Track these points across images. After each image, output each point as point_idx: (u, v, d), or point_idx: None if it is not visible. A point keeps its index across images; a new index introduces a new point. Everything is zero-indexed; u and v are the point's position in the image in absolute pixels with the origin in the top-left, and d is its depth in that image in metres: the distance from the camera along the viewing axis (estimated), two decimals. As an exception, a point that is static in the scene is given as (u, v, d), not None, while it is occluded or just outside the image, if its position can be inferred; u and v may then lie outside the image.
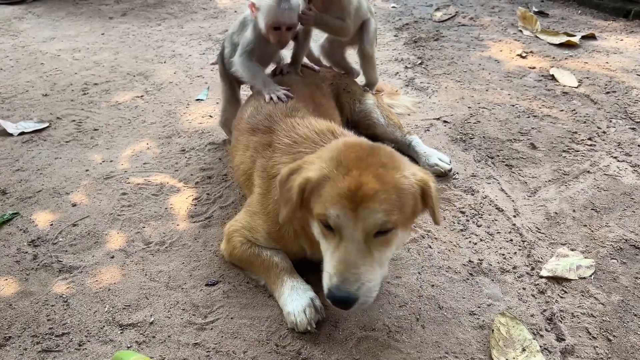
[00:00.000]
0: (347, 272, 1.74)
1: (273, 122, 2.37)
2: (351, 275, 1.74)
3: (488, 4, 5.80)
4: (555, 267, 2.31)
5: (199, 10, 5.86)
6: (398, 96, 3.78)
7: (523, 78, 4.10)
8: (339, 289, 1.74)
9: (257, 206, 2.25)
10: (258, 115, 2.47)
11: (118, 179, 2.98)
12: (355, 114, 3.16)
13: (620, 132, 3.34)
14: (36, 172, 3.06)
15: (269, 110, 2.47)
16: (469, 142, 3.27)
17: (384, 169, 1.80)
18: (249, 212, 2.30)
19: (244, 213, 2.34)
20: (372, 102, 3.19)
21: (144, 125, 3.54)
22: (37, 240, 2.54)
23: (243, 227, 2.28)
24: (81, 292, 2.25)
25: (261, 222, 2.22)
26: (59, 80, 4.20)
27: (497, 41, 4.81)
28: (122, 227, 2.62)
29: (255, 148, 2.36)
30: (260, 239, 2.23)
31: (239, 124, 2.64)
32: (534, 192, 2.82)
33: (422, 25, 5.28)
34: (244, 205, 2.39)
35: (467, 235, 2.53)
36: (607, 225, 2.58)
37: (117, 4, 6.11)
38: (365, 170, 1.77)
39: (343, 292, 1.73)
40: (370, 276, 1.76)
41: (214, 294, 2.23)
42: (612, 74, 4.11)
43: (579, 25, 5.13)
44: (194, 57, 4.61)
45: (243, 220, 2.30)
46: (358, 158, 1.81)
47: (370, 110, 3.15)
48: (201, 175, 3.01)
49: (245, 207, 2.37)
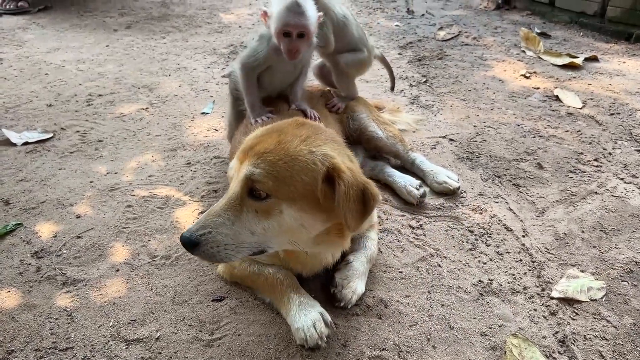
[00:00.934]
0: (204, 219, 1.76)
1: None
2: (205, 221, 1.76)
3: (491, 25, 5.85)
4: (566, 289, 2.29)
5: (204, 24, 5.88)
6: (400, 113, 3.77)
7: (527, 98, 4.11)
8: (189, 230, 1.75)
9: None
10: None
11: (123, 191, 2.96)
12: (350, 130, 3.09)
13: (626, 154, 3.35)
14: (40, 182, 3.03)
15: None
16: (476, 160, 3.26)
17: (294, 138, 1.81)
18: None
19: None
20: (364, 115, 3.09)
21: (149, 138, 3.52)
22: (40, 251, 2.50)
23: None
24: (85, 305, 2.21)
25: None
26: (64, 90, 4.18)
27: (500, 61, 4.84)
28: (127, 240, 2.59)
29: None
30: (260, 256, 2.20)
31: (233, 152, 2.63)
32: (542, 212, 2.81)
33: (425, 44, 5.31)
34: None
35: (476, 255, 2.51)
36: (617, 247, 2.56)
37: (121, 17, 6.13)
38: (274, 135, 1.80)
39: (187, 233, 1.74)
40: (224, 230, 1.76)
41: (221, 309, 2.19)
42: (616, 96, 4.13)
43: (582, 47, 5.17)
44: (198, 70, 4.61)
45: None
46: (283, 127, 1.86)
47: (365, 125, 3.07)
48: (207, 189, 2.99)
49: None
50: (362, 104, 3.16)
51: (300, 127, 1.91)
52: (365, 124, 3.07)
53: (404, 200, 2.88)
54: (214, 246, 1.76)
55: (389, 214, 2.78)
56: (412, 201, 2.83)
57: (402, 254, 2.51)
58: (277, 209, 1.79)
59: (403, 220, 2.74)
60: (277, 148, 1.77)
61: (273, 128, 1.89)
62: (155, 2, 6.69)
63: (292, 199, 1.78)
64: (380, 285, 2.32)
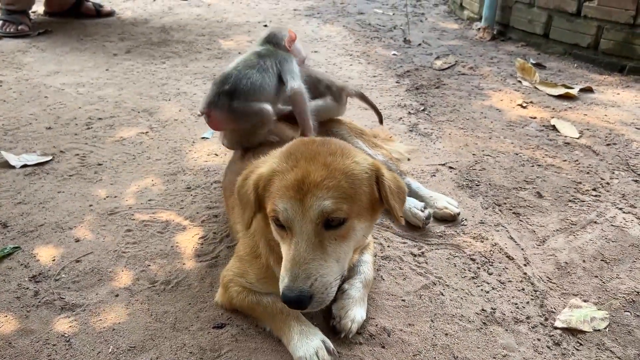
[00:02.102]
0: (298, 269, 1.68)
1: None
2: (302, 272, 1.68)
3: (487, 55, 5.94)
4: (569, 318, 2.28)
5: (203, 50, 5.93)
6: (392, 142, 3.79)
7: (525, 127, 4.15)
8: (290, 289, 1.67)
9: (242, 249, 2.23)
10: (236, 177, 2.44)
11: (122, 215, 2.94)
12: None
13: (623, 184, 3.37)
14: (38, 205, 3.00)
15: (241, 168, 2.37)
16: (476, 188, 3.27)
17: (332, 156, 1.78)
18: (237, 258, 2.27)
19: (233, 259, 2.31)
20: (345, 130, 3.07)
21: (149, 162, 3.51)
22: (38, 275, 2.47)
23: (235, 275, 2.23)
24: (84, 331, 2.17)
25: (248, 265, 2.18)
26: (63, 114, 4.18)
27: (497, 91, 4.90)
28: (127, 264, 2.56)
29: (234, 207, 2.36)
30: (254, 283, 2.18)
31: (225, 192, 2.67)
32: (542, 241, 2.81)
33: (422, 72, 5.38)
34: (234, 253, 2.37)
35: (478, 283, 2.50)
36: (618, 277, 2.56)
37: (121, 42, 6.17)
38: (313, 160, 1.75)
39: (295, 292, 1.66)
40: (324, 271, 1.70)
41: (222, 337, 2.17)
42: (612, 127, 4.18)
43: (576, 78, 5.25)
44: (198, 95, 4.63)
45: (234, 267, 2.25)
46: (307, 150, 1.81)
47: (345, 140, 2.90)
48: (207, 213, 2.97)
49: (234, 254, 2.34)
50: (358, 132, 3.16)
51: (324, 144, 1.89)
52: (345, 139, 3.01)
53: (404, 227, 2.87)
54: (323, 290, 1.71)
55: (390, 241, 2.77)
56: (418, 224, 2.82)
57: (404, 282, 2.49)
58: (352, 228, 1.79)
59: (404, 248, 2.73)
60: (330, 171, 1.73)
61: (298, 156, 1.80)
62: (155, 27, 6.74)
63: (360, 214, 1.79)
64: (383, 314, 2.30)
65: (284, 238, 1.80)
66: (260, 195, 1.85)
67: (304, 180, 1.71)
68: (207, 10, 7.71)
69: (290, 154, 1.82)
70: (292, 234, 1.74)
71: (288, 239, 1.76)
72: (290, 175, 1.73)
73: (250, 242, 2.20)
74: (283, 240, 1.81)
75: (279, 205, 1.72)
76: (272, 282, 2.12)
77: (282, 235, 1.80)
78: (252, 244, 2.14)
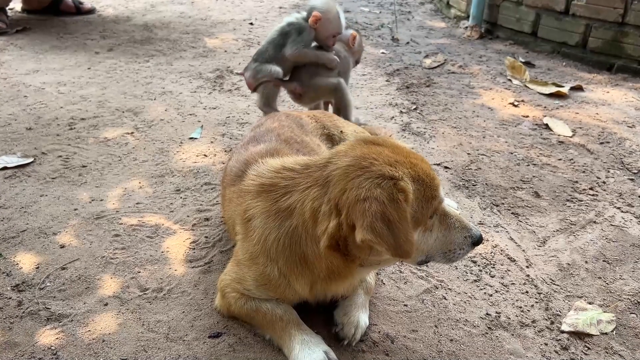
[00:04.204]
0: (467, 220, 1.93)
1: (247, 167, 2.20)
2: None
3: (475, 53, 5.90)
4: (575, 322, 2.23)
5: (188, 48, 5.79)
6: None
7: (518, 126, 4.11)
8: (478, 228, 1.95)
9: (241, 253, 2.10)
10: (237, 165, 2.31)
11: (109, 219, 2.81)
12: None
13: (619, 183, 3.34)
14: (20, 210, 2.86)
15: (246, 157, 2.29)
16: (472, 189, 3.21)
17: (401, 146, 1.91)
18: (235, 262, 2.15)
19: (231, 264, 2.19)
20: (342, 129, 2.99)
21: (136, 163, 3.38)
22: (22, 284, 2.34)
23: (233, 280, 2.12)
24: (72, 343, 2.06)
25: (246, 269, 2.07)
26: (44, 114, 4.03)
27: (488, 89, 4.86)
28: (116, 271, 2.44)
29: (234, 199, 2.22)
30: (252, 289, 2.07)
31: (224, 180, 2.52)
32: (543, 242, 2.76)
33: (412, 71, 5.32)
34: (232, 256, 2.25)
35: (481, 286, 2.43)
36: (622, 278, 2.52)
37: (103, 39, 6.00)
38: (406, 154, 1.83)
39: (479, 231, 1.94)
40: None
41: (219, 347, 2.07)
42: (604, 125, 4.16)
43: (565, 76, 5.24)
44: (184, 94, 4.51)
45: (232, 272, 2.15)
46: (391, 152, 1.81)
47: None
48: (198, 217, 2.87)
49: (232, 258, 2.23)
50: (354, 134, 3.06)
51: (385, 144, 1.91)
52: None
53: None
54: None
55: (388, 244, 2.69)
56: None
57: (405, 286, 2.42)
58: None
59: (404, 250, 2.65)
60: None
61: (398, 159, 1.80)
62: (137, 25, 6.59)
63: None
64: (386, 319, 2.22)
65: (429, 227, 1.84)
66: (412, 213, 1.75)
67: (429, 166, 1.87)
68: (191, 7, 7.56)
69: (394, 162, 1.76)
70: (438, 212, 1.85)
71: (436, 219, 1.86)
72: (425, 171, 1.80)
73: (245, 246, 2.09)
74: (429, 228, 1.85)
75: (441, 196, 1.84)
76: (271, 289, 2.03)
77: (428, 225, 1.84)
78: (252, 250, 2.02)
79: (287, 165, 1.99)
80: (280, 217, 1.90)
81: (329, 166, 1.83)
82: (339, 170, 1.77)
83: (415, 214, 1.73)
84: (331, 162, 1.84)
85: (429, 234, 1.83)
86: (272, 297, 2.08)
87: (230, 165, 2.41)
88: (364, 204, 1.64)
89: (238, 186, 2.20)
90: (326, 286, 1.95)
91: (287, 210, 1.88)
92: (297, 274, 1.93)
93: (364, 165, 1.74)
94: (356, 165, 1.75)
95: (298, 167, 1.96)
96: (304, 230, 1.83)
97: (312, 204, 1.80)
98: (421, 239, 1.81)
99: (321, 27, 3.47)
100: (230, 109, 4.25)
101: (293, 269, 1.92)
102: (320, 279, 1.91)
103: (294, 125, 2.73)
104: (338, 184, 1.75)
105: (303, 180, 1.88)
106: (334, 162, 1.83)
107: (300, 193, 1.85)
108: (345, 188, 1.71)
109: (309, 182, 1.85)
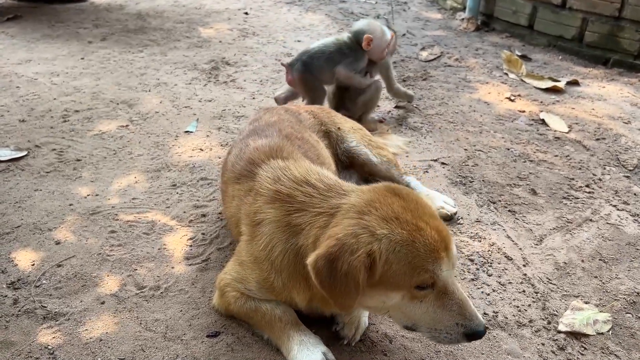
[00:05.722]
0: (472, 307, 1.76)
1: (255, 166, 2.19)
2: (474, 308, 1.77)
3: (471, 46, 5.88)
4: (572, 322, 2.24)
5: (182, 38, 5.73)
6: (389, 135, 3.72)
7: (514, 121, 4.11)
8: (482, 325, 1.75)
9: (244, 254, 2.09)
10: (240, 162, 2.28)
11: (105, 215, 2.79)
12: (341, 156, 2.96)
13: (615, 180, 3.36)
14: (14, 205, 2.83)
15: (249, 154, 2.27)
16: (469, 185, 3.21)
17: (426, 205, 1.82)
18: (238, 262, 2.13)
19: (233, 263, 2.18)
20: (355, 142, 2.96)
21: (131, 157, 3.35)
22: (17, 282, 2.33)
23: (234, 279, 2.11)
24: (69, 342, 2.04)
25: (250, 271, 2.06)
26: (37, 105, 3.98)
27: (484, 83, 4.85)
28: (113, 269, 2.43)
29: (239, 196, 2.20)
30: (253, 289, 2.07)
31: (224, 174, 2.49)
32: (540, 240, 2.77)
33: (409, 64, 5.30)
34: (233, 254, 2.23)
35: (479, 285, 2.44)
36: (618, 277, 2.53)
37: (95, 28, 5.93)
38: (423, 214, 1.74)
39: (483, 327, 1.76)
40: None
41: (217, 346, 2.06)
42: (600, 121, 4.17)
43: (562, 70, 5.23)
44: (179, 86, 4.47)
45: (233, 271, 2.13)
46: (406, 207, 1.74)
47: (357, 151, 2.95)
48: (195, 212, 2.85)
49: (234, 256, 2.21)
50: (352, 130, 3.05)
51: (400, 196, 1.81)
52: (357, 151, 2.95)
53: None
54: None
55: (386, 242, 2.69)
56: None
57: (403, 285, 2.42)
58: None
59: (401, 248, 2.65)
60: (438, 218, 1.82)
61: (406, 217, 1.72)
62: (130, 14, 6.51)
63: None
64: (384, 319, 2.22)
65: (417, 298, 1.72)
66: (376, 272, 1.67)
67: (441, 238, 1.70)
68: (185, -4, 7.48)
69: (393, 218, 1.70)
70: (438, 287, 1.71)
71: (428, 295, 1.72)
72: (426, 239, 1.67)
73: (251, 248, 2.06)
74: (416, 300, 1.73)
75: (436, 269, 1.68)
76: (273, 293, 2.03)
77: (416, 296, 1.72)
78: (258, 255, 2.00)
79: (310, 180, 1.97)
80: (289, 231, 1.90)
81: (344, 198, 1.85)
82: (346, 207, 1.79)
83: (390, 277, 1.67)
84: (347, 195, 1.86)
85: (418, 303, 1.72)
86: (273, 299, 2.07)
87: (231, 161, 2.38)
88: (330, 241, 1.68)
89: (245, 184, 2.18)
90: (323, 306, 1.97)
91: (297, 227, 1.88)
92: (298, 289, 1.94)
93: (363, 210, 1.74)
94: (358, 208, 1.76)
95: (320, 186, 1.94)
96: (307, 253, 1.82)
97: (316, 232, 1.81)
98: (404, 304, 1.74)
99: (374, 47, 3.72)
100: (226, 101, 4.21)
101: (295, 284, 1.93)
102: (317, 298, 1.92)
103: (293, 120, 2.71)
104: (337, 220, 1.77)
105: (319, 203, 1.88)
106: (349, 196, 1.85)
107: (312, 216, 1.85)
108: (338, 223, 1.74)
109: (323, 208, 1.85)
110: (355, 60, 3.72)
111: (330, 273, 1.65)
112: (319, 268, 1.67)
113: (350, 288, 1.65)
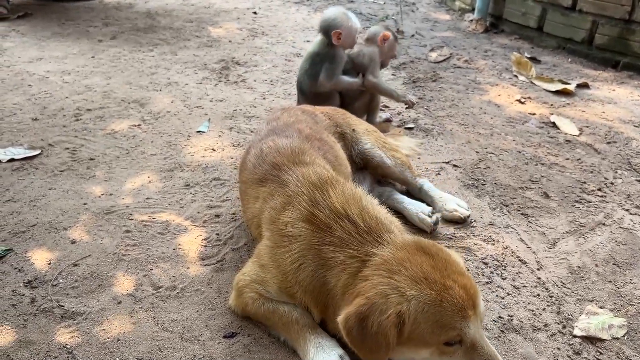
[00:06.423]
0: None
1: (282, 172, 2.21)
2: None
3: (481, 47, 5.88)
4: (587, 326, 2.24)
5: (192, 37, 5.74)
6: (402, 137, 3.72)
7: (525, 124, 4.11)
8: None
9: (267, 258, 2.10)
10: (263, 165, 2.30)
11: (120, 215, 2.80)
12: (355, 157, 2.97)
13: (627, 184, 3.35)
14: (29, 203, 2.85)
15: (272, 158, 2.30)
16: (482, 188, 3.22)
17: (454, 263, 1.81)
18: (258, 264, 2.14)
19: (252, 264, 2.18)
20: (369, 145, 2.97)
21: (144, 157, 3.36)
22: (34, 280, 2.34)
23: (253, 281, 2.12)
24: (87, 342, 2.06)
25: (271, 276, 2.07)
26: (49, 104, 3.99)
27: (494, 85, 4.85)
28: (128, 268, 2.44)
29: (265, 199, 2.21)
30: (272, 292, 2.08)
31: (242, 174, 2.51)
32: (553, 244, 2.77)
33: (418, 65, 5.30)
34: (253, 255, 2.23)
35: (493, 289, 2.44)
36: (632, 282, 2.54)
37: (105, 27, 5.95)
38: (451, 273, 1.75)
39: None
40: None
41: (234, 347, 2.07)
42: (610, 124, 4.17)
43: (571, 73, 5.23)
44: (190, 86, 4.48)
45: (252, 273, 2.14)
46: (434, 267, 1.75)
47: (371, 153, 2.95)
48: (209, 213, 2.86)
49: (254, 257, 2.21)
50: (366, 132, 3.05)
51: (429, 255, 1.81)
52: (371, 154, 2.96)
53: (414, 228, 2.80)
54: None
55: (400, 244, 2.70)
56: (426, 229, 2.76)
57: (418, 287, 2.42)
58: None
59: (415, 251, 2.65)
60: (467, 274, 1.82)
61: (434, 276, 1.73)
62: (140, 12, 6.52)
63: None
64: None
65: (446, 353, 1.74)
66: (405, 331, 1.69)
67: (469, 296, 1.72)
68: (193, -5, 7.49)
69: (422, 278, 1.71)
70: (467, 343, 1.72)
71: (457, 351, 1.74)
72: (454, 298, 1.69)
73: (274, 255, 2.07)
74: (448, 354, 1.74)
75: (465, 328, 1.69)
76: (292, 297, 2.05)
77: (446, 350, 1.73)
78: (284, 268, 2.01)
79: (351, 216, 1.95)
80: (320, 262, 1.91)
81: (378, 247, 1.85)
82: (378, 260, 1.80)
83: (419, 335, 1.70)
84: (382, 244, 1.86)
85: (447, 358, 1.75)
86: (291, 302, 2.09)
87: (251, 162, 2.39)
88: (361, 299, 1.71)
89: (270, 188, 2.20)
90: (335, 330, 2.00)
91: (329, 261, 1.89)
92: (318, 310, 1.99)
93: (394, 270, 1.75)
94: (389, 266, 1.77)
95: (361, 225, 1.92)
96: (333, 291, 1.87)
97: (346, 279, 1.83)
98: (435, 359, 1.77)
99: (344, 37, 3.58)
100: (237, 101, 4.22)
101: (316, 305, 1.98)
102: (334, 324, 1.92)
103: (311, 121, 2.73)
104: (368, 273, 1.78)
105: (354, 245, 1.87)
106: (383, 246, 1.86)
107: (345, 257, 1.86)
108: (368, 277, 1.76)
109: (357, 252, 1.86)
110: (331, 63, 3.58)
111: (361, 331, 1.68)
112: (350, 326, 1.70)
113: (380, 346, 1.69)
